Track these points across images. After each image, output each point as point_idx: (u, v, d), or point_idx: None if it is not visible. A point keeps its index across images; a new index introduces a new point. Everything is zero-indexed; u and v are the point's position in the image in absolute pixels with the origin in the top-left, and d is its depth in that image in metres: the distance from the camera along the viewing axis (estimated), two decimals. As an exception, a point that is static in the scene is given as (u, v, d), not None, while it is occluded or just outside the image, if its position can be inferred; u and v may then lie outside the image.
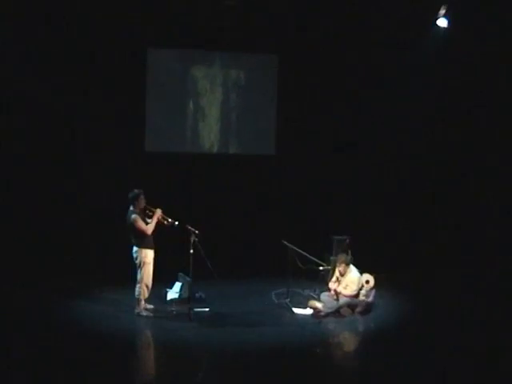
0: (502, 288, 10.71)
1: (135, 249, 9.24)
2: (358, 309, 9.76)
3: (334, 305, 9.67)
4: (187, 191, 11.85)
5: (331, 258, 10.95)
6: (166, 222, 9.30)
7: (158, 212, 9.25)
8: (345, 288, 9.81)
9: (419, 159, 12.55)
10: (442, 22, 11.52)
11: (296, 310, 9.72)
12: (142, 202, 9.25)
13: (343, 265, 9.88)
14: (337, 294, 9.74)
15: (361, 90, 12.35)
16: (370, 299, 9.91)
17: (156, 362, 8.35)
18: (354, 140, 12.43)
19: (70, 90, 11.32)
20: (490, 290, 10.69)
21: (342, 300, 9.72)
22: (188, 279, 9.57)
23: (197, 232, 9.26)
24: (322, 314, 9.58)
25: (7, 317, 8.96)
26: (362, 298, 9.85)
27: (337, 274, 9.99)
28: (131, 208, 9.25)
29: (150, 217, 9.28)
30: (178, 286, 10.09)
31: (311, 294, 10.40)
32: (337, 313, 9.66)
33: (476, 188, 12.00)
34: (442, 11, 11.42)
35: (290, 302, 9.97)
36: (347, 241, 11.10)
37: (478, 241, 11.67)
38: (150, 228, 9.15)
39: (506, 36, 11.11)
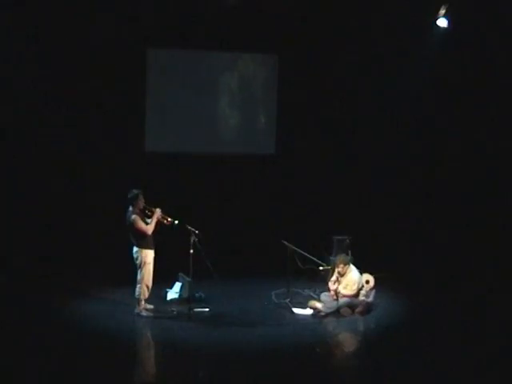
0: (501, 287, 10.71)
1: (135, 249, 9.24)
2: (358, 309, 9.75)
3: (333, 305, 9.65)
4: (187, 191, 11.84)
5: (331, 258, 10.96)
6: (165, 222, 9.31)
7: (158, 212, 9.26)
8: (345, 288, 9.80)
9: (419, 159, 12.55)
10: (442, 22, 11.53)
11: (296, 310, 9.71)
12: (141, 203, 9.26)
13: (342, 265, 9.87)
14: (337, 294, 9.74)
15: (360, 90, 12.36)
16: (370, 299, 9.91)
17: (156, 362, 8.35)
18: (354, 140, 12.44)
19: (70, 90, 11.32)
20: (490, 289, 10.68)
21: (342, 300, 9.70)
22: (188, 279, 9.58)
23: (197, 232, 9.27)
24: (322, 313, 9.58)
25: (7, 317, 8.96)
26: (361, 298, 9.85)
27: (337, 274, 9.98)
28: (130, 208, 9.25)
29: (150, 217, 9.29)
30: (178, 285, 10.11)
31: (311, 293, 10.41)
32: (337, 313, 9.64)
33: (476, 188, 11.99)
34: (442, 11, 11.42)
35: (290, 301, 9.96)
36: (347, 241, 11.11)
37: (478, 241, 11.66)
38: (149, 228, 9.16)
39: (506, 36, 11.10)
